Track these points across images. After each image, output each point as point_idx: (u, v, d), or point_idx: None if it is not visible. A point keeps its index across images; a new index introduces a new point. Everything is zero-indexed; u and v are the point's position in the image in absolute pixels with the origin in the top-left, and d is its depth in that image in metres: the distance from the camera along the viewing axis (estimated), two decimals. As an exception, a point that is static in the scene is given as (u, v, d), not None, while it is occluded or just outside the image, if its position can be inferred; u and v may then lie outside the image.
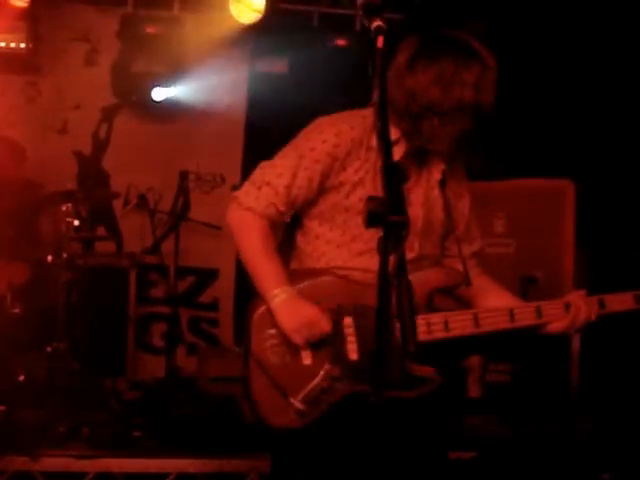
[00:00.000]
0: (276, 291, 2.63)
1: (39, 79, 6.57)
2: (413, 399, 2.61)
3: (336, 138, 2.67)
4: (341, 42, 6.58)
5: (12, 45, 6.27)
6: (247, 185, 2.76)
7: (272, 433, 2.67)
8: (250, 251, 2.71)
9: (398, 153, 2.64)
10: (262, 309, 2.68)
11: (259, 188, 2.71)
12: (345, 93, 6.05)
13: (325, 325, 2.61)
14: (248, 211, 2.71)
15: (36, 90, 6.56)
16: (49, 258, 5.13)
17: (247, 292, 6.52)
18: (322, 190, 2.71)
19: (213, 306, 6.75)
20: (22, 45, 6.31)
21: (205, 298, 6.75)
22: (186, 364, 6.25)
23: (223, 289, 6.77)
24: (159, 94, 6.41)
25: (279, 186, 2.69)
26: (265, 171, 2.75)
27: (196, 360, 6.16)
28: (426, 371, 2.64)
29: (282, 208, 2.71)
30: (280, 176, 2.70)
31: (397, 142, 2.65)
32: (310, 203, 2.74)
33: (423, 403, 2.66)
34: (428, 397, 2.65)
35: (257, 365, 2.63)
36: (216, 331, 6.74)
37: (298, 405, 2.58)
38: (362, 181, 2.66)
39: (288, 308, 2.61)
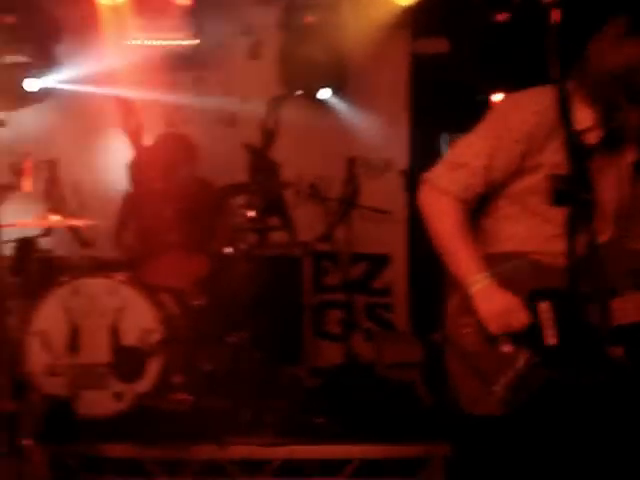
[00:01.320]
0: (475, 277, 2.54)
1: (206, 74, 6.70)
2: (610, 383, 2.49)
3: (535, 117, 2.54)
4: (501, 17, 6.39)
5: (181, 43, 6.43)
6: (441, 166, 2.67)
7: (471, 421, 2.60)
8: (446, 236, 2.62)
9: (593, 139, 2.50)
10: (458, 296, 2.61)
11: (454, 169, 2.62)
12: (507, 70, 5.88)
13: (523, 316, 2.52)
14: (443, 194, 2.62)
15: (204, 85, 6.70)
16: (227, 250, 5.23)
17: (420, 276, 6.48)
18: (518, 171, 2.60)
19: (387, 291, 6.71)
20: (188, 42, 6.48)
21: (378, 284, 6.72)
22: (363, 350, 6.25)
23: (396, 274, 6.72)
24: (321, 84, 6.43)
25: (477, 167, 2.59)
26: (460, 152, 2.65)
27: (372, 346, 6.15)
28: (620, 353, 2.50)
29: (479, 190, 2.62)
30: (477, 157, 2.60)
31: (592, 128, 2.51)
32: (502, 184, 2.64)
33: (621, 388, 2.53)
34: (625, 381, 2.52)
35: (455, 353, 2.57)
36: (391, 316, 6.70)
37: (499, 393, 2.49)
38: (560, 163, 2.52)
39: (487, 296, 2.53)
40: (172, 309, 5.11)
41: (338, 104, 6.65)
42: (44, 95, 6.34)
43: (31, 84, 6.25)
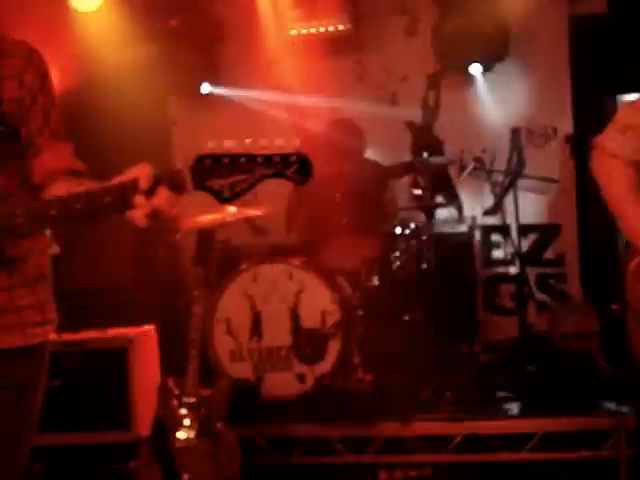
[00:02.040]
0: None
1: (364, 57, 6.76)
2: None
3: None
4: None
5: (338, 28, 6.52)
6: (610, 129, 2.62)
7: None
8: (618, 201, 2.58)
9: None
10: (637, 260, 2.56)
11: (623, 132, 2.57)
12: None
13: None
14: (613, 158, 2.58)
15: (363, 68, 6.76)
16: (397, 230, 5.28)
17: (591, 245, 6.30)
18: None
19: (559, 262, 6.59)
20: (346, 26, 6.55)
21: (550, 254, 6.60)
22: (537, 322, 6.17)
23: (567, 243, 6.58)
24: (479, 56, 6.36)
25: None
26: (628, 113, 2.60)
27: (547, 317, 6.06)
28: None
29: None
30: None
31: None
32: None
33: None
34: None
35: (636, 319, 2.52)
36: (564, 287, 6.57)
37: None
38: None
39: None
40: (347, 290, 5.21)
41: (495, 75, 6.57)
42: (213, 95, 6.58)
43: (204, 87, 6.54)
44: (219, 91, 6.66)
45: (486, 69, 6.45)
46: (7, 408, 2.24)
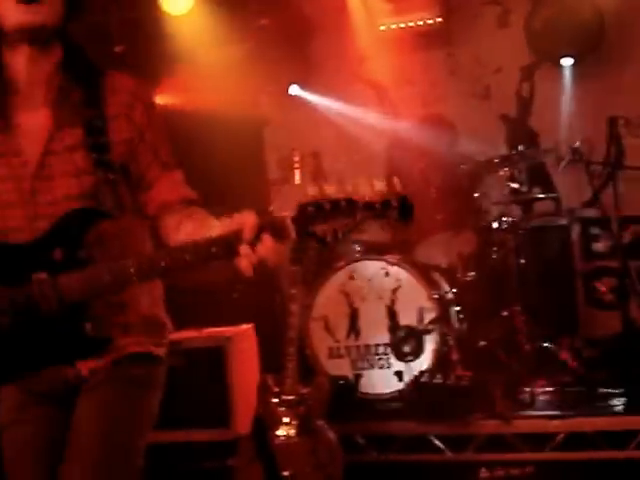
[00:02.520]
0: None
1: (456, 50, 6.69)
2: None
3: None
4: None
5: (428, 21, 6.47)
6: None
7: None
8: None
9: None
10: None
11: None
12: None
13: None
14: None
15: (455, 61, 6.69)
16: (494, 224, 5.21)
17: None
18: None
19: (663, 255, 6.40)
20: (436, 19, 6.49)
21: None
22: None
23: (669, 235, 6.39)
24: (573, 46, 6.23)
25: None
26: None
27: (651, 312, 5.89)
28: None
29: None
30: None
31: None
32: None
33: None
34: None
35: None
36: (668, 280, 6.38)
37: None
38: None
39: None
40: (444, 287, 5.16)
41: (590, 65, 6.42)
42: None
43: (292, 88, 6.57)
44: (306, 95, 6.69)
45: (580, 59, 6.31)
46: (129, 403, 2.33)
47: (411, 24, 6.49)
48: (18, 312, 2.17)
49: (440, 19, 6.48)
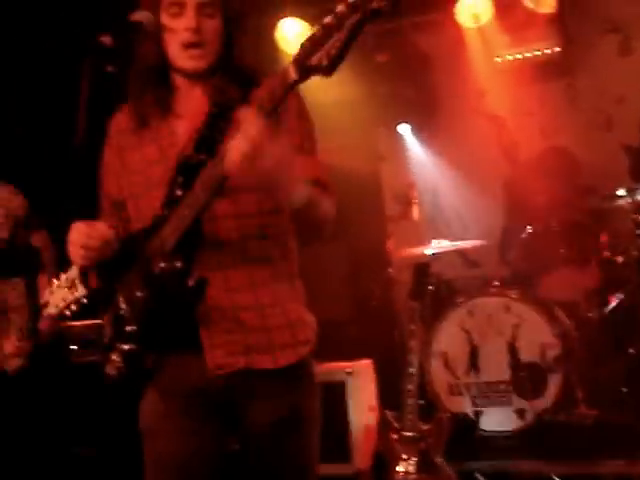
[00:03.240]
0: None
1: (576, 79, 6.57)
2: None
3: None
4: None
5: (546, 51, 6.39)
6: None
7: None
8: None
9: None
10: None
11: None
12: None
13: None
14: None
15: (574, 91, 6.57)
16: (618, 259, 5.10)
17: None
18: None
19: None
20: (555, 49, 6.41)
21: None
22: None
23: None
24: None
25: None
26: None
27: None
28: None
29: None
30: None
31: None
32: None
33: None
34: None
35: None
36: None
37: None
38: None
39: None
40: (567, 323, 5.06)
41: None
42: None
43: (401, 127, 6.63)
44: (412, 136, 6.73)
45: None
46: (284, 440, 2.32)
47: (528, 55, 6.43)
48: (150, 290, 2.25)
49: (559, 48, 6.39)
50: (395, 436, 4.16)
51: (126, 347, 2.28)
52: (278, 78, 1.98)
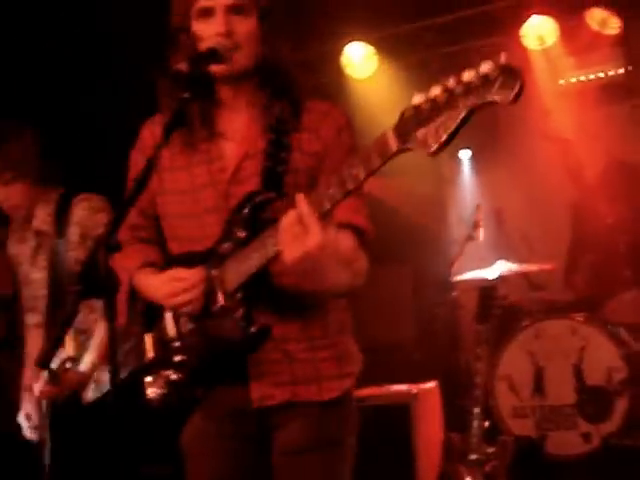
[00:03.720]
0: None
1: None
2: None
3: None
4: None
5: (610, 73, 6.37)
6: None
7: None
8: None
9: None
10: None
11: None
12: None
13: None
14: None
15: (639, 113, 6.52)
16: None
17: None
18: None
19: None
20: (619, 71, 6.38)
21: None
22: None
23: None
24: None
25: None
26: None
27: None
28: None
29: None
30: None
31: None
32: None
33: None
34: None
35: None
36: None
37: None
38: None
39: None
40: (634, 346, 5.02)
41: None
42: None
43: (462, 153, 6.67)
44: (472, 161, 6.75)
45: None
46: (315, 469, 2.30)
47: (593, 77, 6.41)
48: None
49: (623, 70, 6.36)
50: (460, 459, 4.17)
51: (174, 377, 2.27)
52: (376, 145, 1.88)
